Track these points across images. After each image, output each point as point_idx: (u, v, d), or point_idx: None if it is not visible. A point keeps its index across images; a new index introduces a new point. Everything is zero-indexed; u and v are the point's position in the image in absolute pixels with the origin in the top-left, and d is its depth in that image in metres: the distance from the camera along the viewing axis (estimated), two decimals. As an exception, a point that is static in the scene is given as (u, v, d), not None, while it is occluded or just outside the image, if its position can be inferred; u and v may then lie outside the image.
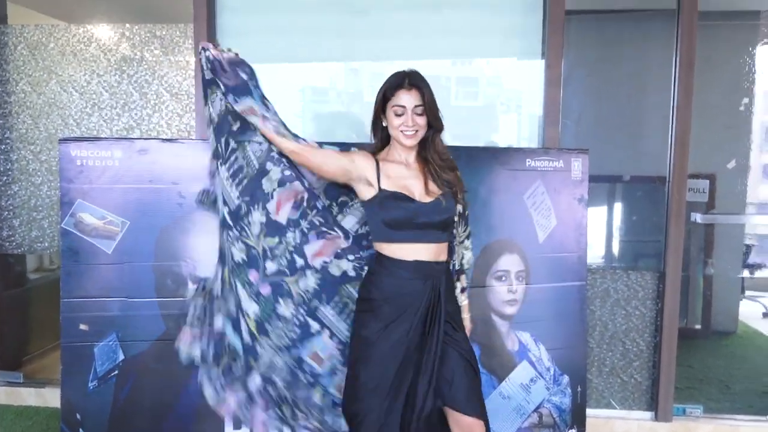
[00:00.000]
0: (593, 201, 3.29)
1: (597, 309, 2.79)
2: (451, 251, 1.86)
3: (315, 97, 3.02)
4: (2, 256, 3.03)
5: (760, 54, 3.46)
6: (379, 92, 1.78)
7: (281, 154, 1.85)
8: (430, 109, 1.74)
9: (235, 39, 2.79)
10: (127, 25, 2.82)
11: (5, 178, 2.92)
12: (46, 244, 2.90)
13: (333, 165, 1.80)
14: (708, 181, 3.25)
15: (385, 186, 1.75)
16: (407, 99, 1.72)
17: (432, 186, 1.77)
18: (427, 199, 1.75)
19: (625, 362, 2.80)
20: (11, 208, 2.92)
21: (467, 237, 1.93)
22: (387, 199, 1.73)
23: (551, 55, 2.61)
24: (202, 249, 2.07)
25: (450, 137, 1.85)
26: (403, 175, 1.78)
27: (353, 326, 1.81)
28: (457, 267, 1.91)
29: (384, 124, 1.79)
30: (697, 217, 3.01)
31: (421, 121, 1.74)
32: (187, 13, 2.72)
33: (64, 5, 3.41)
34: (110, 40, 2.81)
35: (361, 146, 1.93)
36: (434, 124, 1.77)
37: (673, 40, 2.64)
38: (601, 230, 3.36)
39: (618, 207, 3.39)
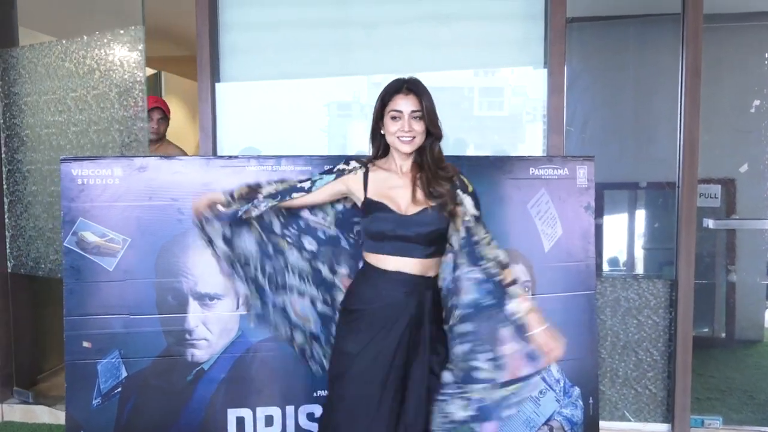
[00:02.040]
0: (606, 209, 3.27)
1: (608, 318, 2.73)
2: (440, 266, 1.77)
3: (340, 112, 3.06)
4: (18, 276, 3.09)
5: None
6: (377, 100, 1.76)
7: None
8: (428, 115, 1.69)
9: (240, 56, 2.83)
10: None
11: (29, 198, 2.99)
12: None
13: (326, 194, 1.85)
14: (720, 186, 3.18)
15: (370, 194, 1.73)
16: (404, 104, 1.69)
17: (420, 196, 1.71)
18: (412, 210, 1.70)
19: (638, 373, 2.72)
20: (30, 228, 2.98)
21: (491, 239, 1.77)
22: (370, 207, 1.71)
23: (554, 62, 2.59)
24: (202, 265, 2.08)
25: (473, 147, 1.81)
26: (390, 184, 1.74)
27: (334, 340, 1.79)
28: (501, 263, 1.72)
29: (382, 132, 1.76)
30: (710, 223, 2.94)
31: (419, 127, 1.70)
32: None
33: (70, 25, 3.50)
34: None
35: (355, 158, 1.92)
36: (433, 131, 1.72)
37: (679, 45, 2.60)
38: (611, 238, 3.31)
39: (629, 214, 3.34)
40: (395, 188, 1.74)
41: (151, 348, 2.07)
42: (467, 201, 1.74)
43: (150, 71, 5.61)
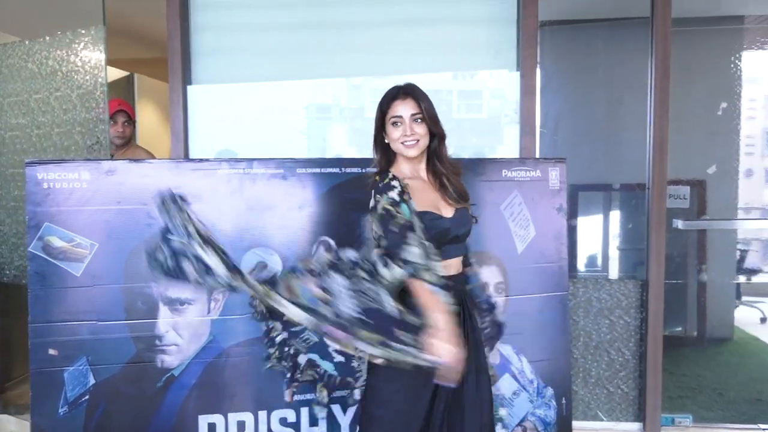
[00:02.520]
0: (580, 210, 3.31)
1: (581, 319, 2.77)
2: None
3: (319, 114, 3.05)
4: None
5: (746, 59, 3.46)
6: (377, 110, 1.76)
7: None
8: (428, 116, 1.70)
9: (213, 58, 2.81)
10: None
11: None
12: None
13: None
14: (689, 187, 3.24)
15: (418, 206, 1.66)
16: (403, 109, 1.70)
17: (449, 197, 1.74)
18: (450, 212, 1.72)
19: (610, 372, 2.76)
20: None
21: None
22: (422, 218, 1.63)
23: (526, 66, 2.62)
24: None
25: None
26: (424, 191, 1.72)
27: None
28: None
29: (386, 141, 1.76)
30: (679, 224, 3.00)
31: (421, 129, 1.70)
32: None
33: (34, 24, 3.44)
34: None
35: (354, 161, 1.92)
36: (435, 131, 1.72)
37: (649, 48, 2.64)
38: (586, 239, 3.35)
39: (603, 215, 3.39)
40: (427, 193, 1.72)
41: (120, 354, 2.04)
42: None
43: (123, 73, 5.54)
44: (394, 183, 1.63)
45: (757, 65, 3.59)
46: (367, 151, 3.41)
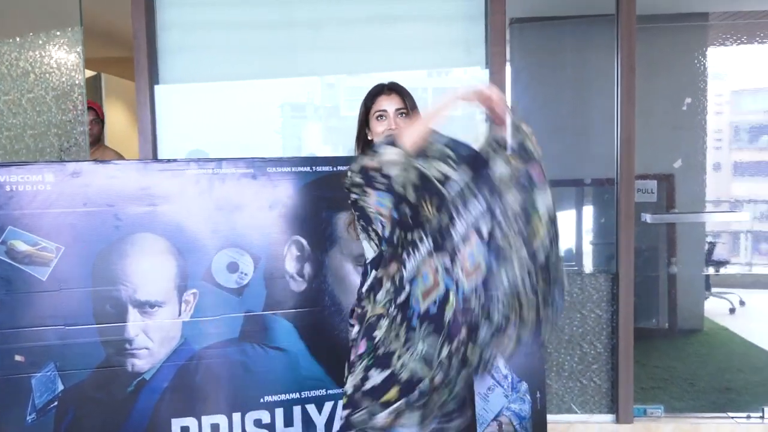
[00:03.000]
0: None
1: (553, 313, 2.80)
2: None
3: (294, 113, 3.04)
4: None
5: (711, 55, 3.54)
6: (361, 105, 1.78)
7: None
8: (413, 112, 1.73)
9: (181, 57, 2.79)
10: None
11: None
12: None
13: None
14: (656, 181, 3.31)
15: None
16: (388, 103, 1.73)
17: None
18: None
19: (583, 366, 2.81)
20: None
21: None
22: None
23: (495, 62, 2.65)
24: (141, 272, 2.03)
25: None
26: None
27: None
28: None
29: (369, 138, 1.77)
30: (647, 218, 3.06)
31: (404, 124, 1.71)
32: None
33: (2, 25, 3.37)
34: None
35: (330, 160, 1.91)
36: None
37: (614, 44, 2.69)
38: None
39: (576, 211, 3.43)
40: None
41: (89, 359, 2.01)
42: None
43: (89, 73, 5.45)
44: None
45: (722, 61, 3.67)
46: (342, 149, 3.43)
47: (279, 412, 2.15)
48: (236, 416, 2.13)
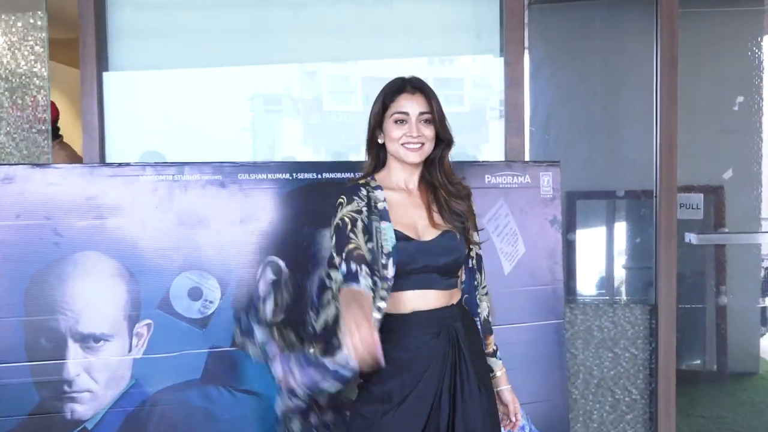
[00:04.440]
0: (579, 221, 3.38)
1: (579, 352, 2.83)
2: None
3: (267, 107, 3.05)
4: None
5: (767, 45, 3.58)
6: (375, 102, 1.75)
7: None
8: (438, 117, 1.71)
9: (135, 40, 2.81)
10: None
11: None
12: None
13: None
14: (702, 195, 3.35)
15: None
16: (410, 105, 1.70)
17: (437, 218, 1.73)
18: (431, 235, 1.71)
19: (615, 415, 2.83)
20: None
21: (487, 290, 1.88)
22: None
23: (511, 51, 2.68)
24: (85, 299, 2.04)
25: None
26: (400, 205, 1.73)
27: (355, 402, 1.71)
28: (482, 323, 1.82)
29: (381, 141, 1.75)
30: (692, 238, 3.09)
31: (428, 131, 1.70)
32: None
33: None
34: None
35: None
36: (444, 137, 1.74)
37: (653, 31, 2.73)
38: (586, 256, 3.42)
39: (606, 228, 3.46)
40: (406, 209, 1.73)
41: (19, 404, 2.01)
42: (475, 235, 1.81)
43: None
44: (359, 201, 1.67)
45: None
46: (326, 151, 3.44)
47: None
48: (195, 470, 2.13)
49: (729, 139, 3.52)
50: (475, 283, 1.83)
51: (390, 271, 1.61)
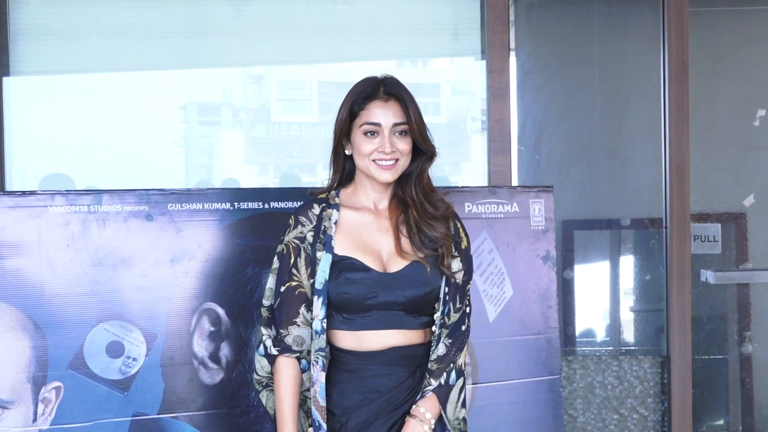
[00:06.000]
0: (577, 257, 3.42)
1: (579, 414, 2.85)
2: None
3: (202, 117, 3.03)
4: None
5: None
6: (342, 107, 1.75)
7: None
8: (417, 128, 1.71)
9: (41, 41, 2.81)
10: None
11: None
12: None
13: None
14: (719, 225, 3.39)
15: (336, 248, 1.71)
16: (383, 114, 1.70)
17: (406, 245, 1.73)
18: (397, 266, 1.72)
19: (623, 491, 2.86)
20: None
21: (457, 322, 1.77)
22: (335, 266, 1.69)
23: (494, 56, 2.73)
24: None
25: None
26: (362, 229, 1.75)
27: None
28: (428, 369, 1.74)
29: (348, 152, 1.76)
30: (708, 276, 3.13)
31: (404, 145, 1.71)
32: None
33: None
34: None
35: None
36: (423, 149, 1.74)
37: (660, 33, 2.81)
38: (585, 298, 3.45)
39: (610, 264, 3.49)
40: (370, 234, 1.75)
41: None
42: (455, 263, 1.78)
43: None
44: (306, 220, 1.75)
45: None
46: (274, 170, 3.44)
47: None
48: None
49: (751, 159, 3.55)
50: (451, 322, 1.75)
51: (318, 312, 1.66)
